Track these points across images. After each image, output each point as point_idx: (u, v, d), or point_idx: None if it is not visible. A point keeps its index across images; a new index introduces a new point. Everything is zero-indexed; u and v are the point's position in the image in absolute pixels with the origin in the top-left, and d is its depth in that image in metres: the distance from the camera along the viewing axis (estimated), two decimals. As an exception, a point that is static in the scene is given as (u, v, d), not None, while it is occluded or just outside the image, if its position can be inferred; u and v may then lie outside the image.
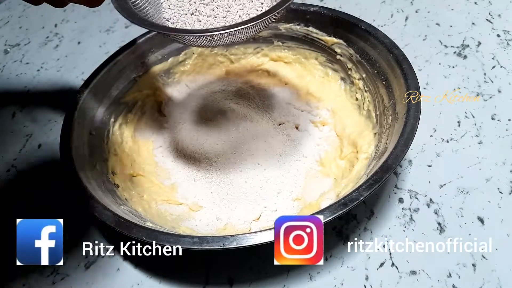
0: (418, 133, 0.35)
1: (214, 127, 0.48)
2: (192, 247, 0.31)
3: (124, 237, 0.37)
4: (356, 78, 0.48)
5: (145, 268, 0.40)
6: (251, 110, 0.49)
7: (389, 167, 0.33)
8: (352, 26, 0.46)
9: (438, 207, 0.41)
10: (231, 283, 0.38)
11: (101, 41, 0.67)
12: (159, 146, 0.49)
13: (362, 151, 0.42)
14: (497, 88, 0.51)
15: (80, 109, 0.43)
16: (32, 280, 0.40)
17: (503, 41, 0.56)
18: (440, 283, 0.36)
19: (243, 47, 0.54)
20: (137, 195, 0.42)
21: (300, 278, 0.38)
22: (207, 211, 0.42)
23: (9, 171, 0.50)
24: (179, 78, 0.54)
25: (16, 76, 0.62)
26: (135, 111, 0.50)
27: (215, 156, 0.46)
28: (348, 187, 0.39)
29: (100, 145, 0.44)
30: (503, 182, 0.42)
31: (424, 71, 0.54)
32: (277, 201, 0.42)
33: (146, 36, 0.49)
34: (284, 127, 0.48)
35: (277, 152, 0.46)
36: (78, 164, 0.38)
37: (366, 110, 0.46)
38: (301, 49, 0.52)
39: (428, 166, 0.44)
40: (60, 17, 0.73)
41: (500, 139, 0.46)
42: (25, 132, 0.54)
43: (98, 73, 0.46)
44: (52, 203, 0.46)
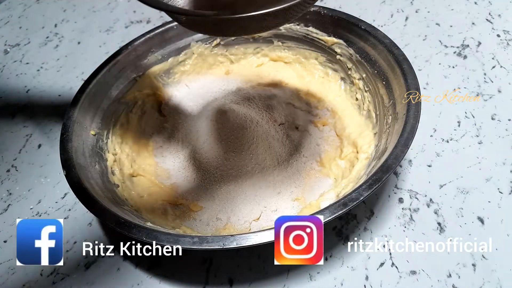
0: (418, 133, 0.35)
1: (214, 127, 0.48)
2: (192, 247, 0.31)
3: (124, 237, 0.37)
4: (356, 78, 0.48)
5: (145, 268, 0.40)
6: (251, 110, 0.49)
7: (389, 167, 0.33)
8: (352, 26, 0.46)
9: (438, 207, 0.41)
10: (231, 283, 0.38)
11: (101, 41, 0.67)
12: (159, 146, 0.49)
13: (362, 151, 0.42)
14: (497, 88, 0.51)
15: (80, 109, 0.43)
16: (32, 280, 0.40)
17: (503, 41, 0.56)
18: (440, 283, 0.36)
19: (243, 47, 0.54)
20: (137, 195, 0.42)
21: (300, 278, 0.38)
22: (207, 211, 0.42)
23: (9, 171, 0.50)
24: (179, 78, 0.54)
25: (16, 76, 0.62)
26: (135, 111, 0.50)
27: (215, 156, 0.46)
28: (348, 187, 0.39)
29: (100, 145, 0.44)
30: (503, 182, 0.42)
31: (424, 71, 0.54)
32: (277, 201, 0.42)
33: (146, 36, 0.49)
34: (284, 127, 0.48)
35: (277, 152, 0.46)
36: (78, 164, 0.38)
37: (366, 110, 0.46)
38: (301, 49, 0.52)
39: (428, 166, 0.44)
40: (60, 17, 0.73)
41: (500, 139, 0.46)
42: (25, 132, 0.54)
43: (98, 73, 0.46)
44: (52, 203, 0.46)
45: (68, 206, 0.46)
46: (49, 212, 0.45)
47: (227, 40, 0.53)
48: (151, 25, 0.68)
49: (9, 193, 0.48)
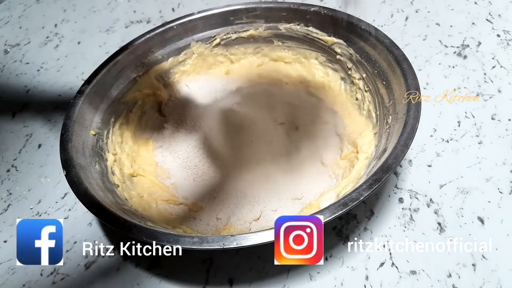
0: (418, 133, 0.35)
1: (214, 127, 0.48)
2: (192, 247, 0.31)
3: (124, 237, 0.37)
4: (356, 78, 0.48)
5: (145, 268, 0.40)
6: (251, 110, 0.49)
7: (389, 167, 0.33)
8: (352, 26, 0.46)
9: (438, 207, 0.41)
10: (231, 283, 0.38)
11: (101, 41, 0.67)
12: (159, 146, 0.49)
13: (362, 151, 0.42)
14: (497, 88, 0.51)
15: (80, 109, 0.43)
16: (32, 280, 0.40)
17: (503, 41, 0.56)
18: (440, 283, 0.36)
19: (243, 47, 0.54)
20: (137, 195, 0.42)
21: (300, 278, 0.38)
22: (207, 211, 0.42)
23: (9, 171, 0.50)
24: (179, 78, 0.54)
25: (16, 76, 0.63)
26: (135, 111, 0.50)
27: (215, 156, 0.46)
28: (348, 187, 0.39)
29: (100, 145, 0.44)
30: (503, 182, 0.42)
31: (424, 71, 0.54)
32: (277, 201, 0.42)
33: (146, 36, 0.49)
34: (284, 127, 0.48)
35: (277, 152, 0.46)
36: (78, 164, 0.38)
37: (366, 110, 0.46)
38: (301, 49, 0.52)
39: (428, 166, 0.44)
40: (60, 17, 0.73)
41: (500, 139, 0.46)
42: (25, 132, 0.54)
43: (98, 73, 0.46)
44: (52, 203, 0.46)
45: (68, 206, 0.46)
46: (49, 212, 0.45)
47: (227, 40, 0.53)
48: (151, 25, 0.68)
49: (9, 193, 0.48)
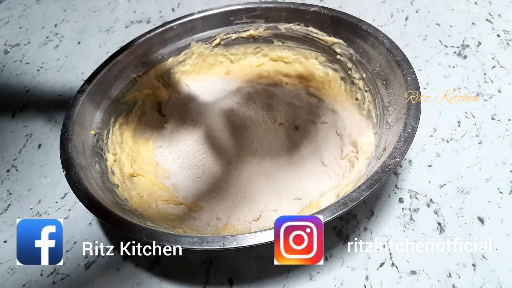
0: (418, 133, 0.35)
1: (214, 127, 0.48)
2: (192, 247, 0.31)
3: (124, 237, 0.37)
4: (356, 78, 0.48)
5: (145, 268, 0.40)
6: (251, 110, 0.49)
7: (389, 167, 0.33)
8: (352, 26, 0.46)
9: (438, 207, 0.41)
10: (231, 283, 0.38)
11: (101, 41, 0.67)
12: (159, 146, 0.49)
13: (362, 151, 0.42)
14: (497, 88, 0.51)
15: (80, 109, 0.43)
16: (32, 280, 0.40)
17: (503, 41, 0.56)
18: (440, 283, 0.36)
19: (243, 47, 0.54)
20: (137, 195, 0.42)
21: (300, 278, 0.38)
22: (207, 211, 0.42)
23: (9, 171, 0.50)
24: (179, 78, 0.54)
25: (16, 76, 0.63)
26: (135, 111, 0.50)
27: (215, 156, 0.46)
28: (348, 187, 0.39)
29: (100, 145, 0.44)
30: (503, 182, 0.42)
31: (424, 71, 0.54)
32: (277, 201, 0.42)
33: (146, 36, 0.49)
34: (284, 127, 0.48)
35: (277, 152, 0.46)
36: (78, 164, 0.38)
37: (366, 110, 0.46)
38: (301, 49, 0.52)
39: (428, 166, 0.44)
40: (60, 17, 0.73)
41: (500, 139, 0.46)
42: (25, 132, 0.54)
43: (98, 73, 0.46)
44: (52, 203, 0.46)
45: (68, 206, 0.46)
46: (49, 212, 0.45)
47: (227, 40, 0.53)
48: (151, 25, 0.68)
49: (9, 193, 0.48)
